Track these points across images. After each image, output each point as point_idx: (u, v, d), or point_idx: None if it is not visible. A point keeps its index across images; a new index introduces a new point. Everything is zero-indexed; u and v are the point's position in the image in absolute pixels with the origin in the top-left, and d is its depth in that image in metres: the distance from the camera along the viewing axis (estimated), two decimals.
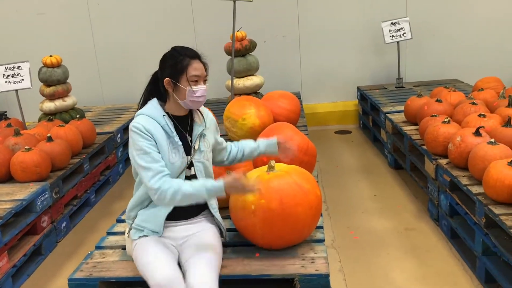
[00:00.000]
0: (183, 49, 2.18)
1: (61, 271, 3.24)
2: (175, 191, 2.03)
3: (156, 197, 2.06)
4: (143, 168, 2.07)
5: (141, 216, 2.22)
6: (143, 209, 2.23)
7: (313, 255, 2.22)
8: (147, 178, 2.05)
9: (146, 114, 2.16)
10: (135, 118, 2.17)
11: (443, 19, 5.90)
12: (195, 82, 2.14)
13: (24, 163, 3.49)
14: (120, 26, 6.09)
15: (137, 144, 2.08)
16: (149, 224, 2.19)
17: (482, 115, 3.35)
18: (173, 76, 2.14)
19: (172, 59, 2.16)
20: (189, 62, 2.14)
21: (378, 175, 4.45)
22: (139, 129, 2.09)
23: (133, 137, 2.11)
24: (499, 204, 2.59)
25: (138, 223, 2.21)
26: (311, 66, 6.13)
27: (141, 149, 2.08)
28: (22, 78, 4.46)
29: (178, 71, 2.13)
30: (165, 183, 2.04)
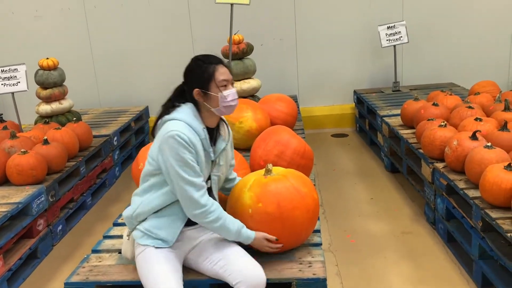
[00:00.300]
0: (205, 57, 2.17)
1: (57, 274, 3.22)
2: (218, 218, 2.06)
3: (198, 212, 2.04)
4: (185, 182, 2.01)
5: (153, 222, 2.13)
6: (155, 215, 2.14)
7: (310, 259, 2.22)
8: (191, 191, 2.02)
9: (188, 123, 2.07)
10: (175, 124, 2.05)
11: (439, 23, 5.93)
12: (224, 86, 2.12)
13: (20, 166, 3.48)
14: (117, 29, 6.09)
15: (180, 156, 2.00)
16: (162, 232, 2.11)
17: (478, 119, 3.36)
18: (202, 85, 2.12)
19: (197, 69, 2.14)
20: (215, 68, 2.12)
21: (375, 178, 4.46)
22: (185, 141, 2.01)
23: (174, 146, 2.00)
24: (495, 208, 2.60)
25: (148, 228, 2.13)
26: (308, 69, 6.14)
27: (184, 161, 2.01)
28: (19, 81, 4.45)
29: (206, 79, 2.11)
30: (213, 205, 2.06)
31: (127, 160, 5.25)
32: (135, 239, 2.16)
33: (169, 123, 2.08)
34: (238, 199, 2.20)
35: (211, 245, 2.15)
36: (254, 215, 2.13)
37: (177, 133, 2.01)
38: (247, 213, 2.15)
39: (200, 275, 2.16)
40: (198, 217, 2.07)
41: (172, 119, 2.09)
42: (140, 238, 2.14)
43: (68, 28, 6.10)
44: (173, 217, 2.12)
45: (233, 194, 2.27)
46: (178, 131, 2.01)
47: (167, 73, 6.18)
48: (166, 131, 2.04)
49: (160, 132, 2.10)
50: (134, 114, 5.59)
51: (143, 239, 2.13)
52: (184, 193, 2.03)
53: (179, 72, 6.83)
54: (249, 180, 2.24)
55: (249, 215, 2.14)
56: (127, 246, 2.24)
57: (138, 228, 2.17)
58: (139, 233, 2.15)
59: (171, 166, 2.02)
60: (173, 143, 2.00)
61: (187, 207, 2.06)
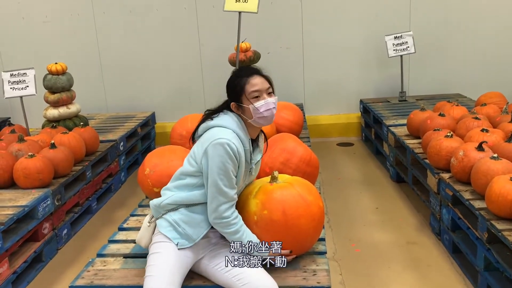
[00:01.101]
0: (239, 70, 2.22)
1: (61, 278, 3.23)
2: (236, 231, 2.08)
3: (219, 221, 2.07)
4: (219, 191, 2.05)
5: (182, 215, 2.14)
6: (187, 210, 2.15)
7: (314, 267, 2.22)
8: (220, 201, 2.05)
9: (236, 133, 2.11)
10: (225, 132, 2.08)
11: (446, 33, 5.93)
12: (256, 98, 2.14)
13: (27, 169, 3.50)
14: (126, 35, 6.13)
15: (224, 165, 2.03)
16: (189, 229, 2.12)
17: (485, 130, 3.36)
18: (236, 99, 2.16)
19: (230, 83, 2.20)
20: (246, 81, 2.15)
21: (380, 188, 4.45)
22: (233, 151, 2.04)
23: (222, 154, 2.03)
24: (501, 219, 2.59)
25: (177, 221, 2.13)
26: (314, 77, 6.15)
27: (226, 171, 2.04)
28: (27, 85, 4.48)
29: (238, 92, 2.15)
30: (235, 218, 2.09)
31: (133, 166, 5.27)
32: (159, 228, 2.16)
33: (218, 130, 2.11)
34: (244, 206, 2.20)
35: (227, 251, 2.14)
36: (259, 222, 2.14)
37: (227, 142, 2.03)
38: (253, 219, 2.15)
39: (205, 281, 2.16)
40: (218, 225, 2.10)
41: (220, 126, 2.12)
42: (165, 228, 2.14)
43: (76, 33, 6.15)
44: (204, 216, 2.14)
45: (239, 200, 2.26)
46: (228, 140, 2.04)
47: (174, 79, 6.24)
48: (216, 137, 2.06)
49: (207, 136, 2.12)
50: (141, 120, 5.61)
51: (167, 230, 2.13)
52: (214, 200, 2.06)
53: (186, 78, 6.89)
54: (255, 187, 2.24)
55: (254, 221, 2.15)
56: (145, 233, 2.23)
57: (165, 217, 2.17)
58: (166, 223, 2.15)
59: (211, 172, 2.04)
60: (221, 151, 2.03)
61: (211, 213, 2.09)
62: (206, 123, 2.19)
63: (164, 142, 5.25)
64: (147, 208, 3.09)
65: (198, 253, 2.17)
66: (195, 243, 2.13)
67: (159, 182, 2.83)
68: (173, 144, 3.40)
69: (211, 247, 2.21)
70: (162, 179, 2.80)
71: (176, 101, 6.24)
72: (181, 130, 3.53)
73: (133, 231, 2.71)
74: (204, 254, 2.18)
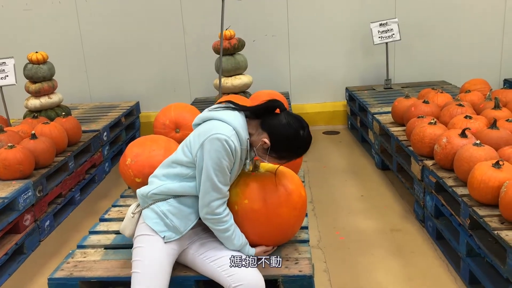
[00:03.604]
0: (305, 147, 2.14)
1: (43, 270, 3.19)
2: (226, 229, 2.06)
3: (210, 217, 2.04)
4: (213, 186, 2.00)
5: (171, 206, 2.09)
6: (175, 201, 2.10)
7: (297, 255, 2.21)
8: (213, 197, 2.02)
9: (237, 130, 2.03)
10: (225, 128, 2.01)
11: (432, 21, 5.92)
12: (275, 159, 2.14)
13: (6, 160, 3.44)
14: (108, 23, 6.03)
15: (220, 161, 1.98)
16: (176, 220, 2.08)
17: (468, 116, 3.36)
18: (274, 150, 2.07)
19: (290, 146, 2.09)
20: (291, 157, 2.13)
21: (365, 175, 4.45)
22: (231, 148, 1.99)
23: (219, 150, 1.97)
24: (483, 206, 2.60)
25: (165, 213, 2.07)
26: (300, 66, 6.12)
27: (221, 167, 1.99)
28: (7, 74, 4.40)
29: (281, 156, 2.10)
30: (226, 215, 2.06)
31: (117, 156, 5.21)
32: (146, 219, 2.09)
33: (218, 123, 2.03)
34: None
35: (213, 241, 2.13)
36: (240, 212, 2.12)
37: (226, 138, 1.97)
38: (234, 209, 2.13)
39: (186, 271, 2.14)
40: (209, 221, 2.07)
41: (221, 120, 2.04)
42: (152, 220, 2.08)
43: (58, 21, 6.03)
44: (192, 209, 2.10)
45: None
46: (227, 136, 1.98)
47: (158, 68, 6.17)
48: (214, 131, 2.00)
49: (204, 128, 2.05)
50: (125, 110, 5.55)
51: (154, 222, 2.08)
52: (207, 195, 2.02)
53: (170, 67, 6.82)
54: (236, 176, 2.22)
55: (235, 211, 2.12)
56: (128, 223, 2.16)
57: (152, 208, 2.10)
58: (153, 214, 2.09)
59: (206, 166, 1.99)
60: (218, 146, 1.97)
61: (203, 208, 2.05)
62: (208, 112, 2.12)
63: (149, 132, 5.19)
64: (129, 198, 3.06)
65: (184, 244, 2.14)
66: (182, 235, 2.10)
67: (140, 173, 2.80)
68: (156, 134, 3.36)
69: (198, 236, 2.18)
70: (144, 169, 2.77)
71: (160, 90, 6.18)
72: (164, 119, 3.48)
73: (115, 222, 2.68)
74: (190, 244, 2.15)
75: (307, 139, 2.12)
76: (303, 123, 2.12)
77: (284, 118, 2.09)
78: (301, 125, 2.10)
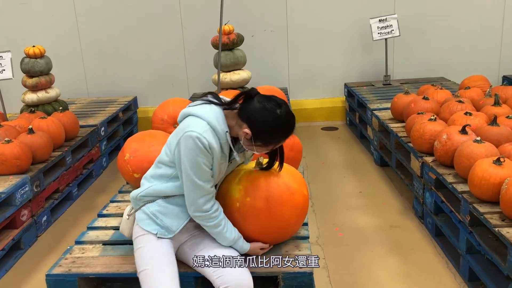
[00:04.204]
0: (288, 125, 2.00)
1: (40, 266, 3.17)
2: (217, 225, 2.03)
3: (199, 214, 2.02)
4: (194, 184, 1.97)
5: (160, 206, 2.08)
6: (164, 201, 2.09)
7: (297, 252, 2.19)
8: (197, 195, 1.99)
9: (212, 125, 1.97)
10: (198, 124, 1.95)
11: (431, 17, 5.90)
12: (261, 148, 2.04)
13: (3, 155, 3.41)
14: (106, 18, 5.98)
15: (196, 158, 1.93)
16: (168, 220, 2.07)
17: (468, 113, 3.35)
18: (257, 136, 1.97)
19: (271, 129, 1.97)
20: (280, 141, 2.04)
21: (364, 172, 4.44)
22: (204, 145, 1.92)
23: (192, 148, 1.93)
24: (483, 203, 2.59)
25: (154, 213, 2.07)
26: (299, 61, 6.09)
27: (198, 165, 1.95)
28: (4, 69, 4.36)
29: (266, 142, 2.00)
30: (215, 211, 2.03)
31: (114, 151, 5.18)
32: (138, 221, 2.12)
33: (191, 120, 1.99)
34: (227, 192, 2.16)
35: (206, 239, 2.11)
36: (241, 209, 2.09)
37: (197, 135, 1.92)
38: (235, 206, 2.11)
39: (186, 268, 2.12)
40: (198, 218, 2.05)
41: (195, 115, 2.00)
42: (143, 221, 2.09)
43: (55, 15, 5.98)
44: (182, 208, 2.08)
45: (222, 186, 2.22)
46: (199, 133, 1.92)
47: (156, 63, 6.13)
48: (188, 128, 1.95)
49: (182, 125, 2.02)
50: (122, 105, 5.51)
51: (146, 223, 2.08)
52: (190, 194, 2.00)
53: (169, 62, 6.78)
54: (239, 173, 2.19)
55: (236, 208, 2.10)
56: (126, 225, 2.19)
57: (143, 209, 2.11)
58: (143, 216, 2.10)
59: (183, 165, 1.97)
60: (191, 144, 1.93)
61: (190, 206, 2.03)
62: (187, 108, 2.08)
63: (146, 127, 5.17)
64: (127, 194, 3.03)
65: (179, 240, 2.13)
66: (175, 234, 2.09)
67: (139, 168, 2.78)
68: (154, 129, 3.34)
69: (191, 234, 2.16)
70: (142, 164, 2.75)
71: (158, 85, 6.14)
72: (162, 114, 3.46)
73: (113, 217, 2.66)
74: (185, 241, 2.14)
75: (287, 116, 1.99)
76: (278, 101, 2.00)
77: (257, 103, 1.98)
78: (276, 104, 1.98)
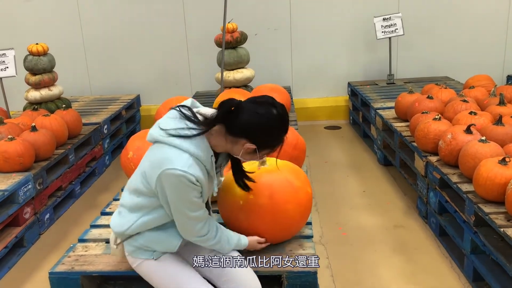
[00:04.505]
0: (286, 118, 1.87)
1: (43, 263, 3.17)
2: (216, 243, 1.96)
3: (197, 239, 1.93)
4: (188, 217, 1.85)
5: (147, 237, 1.95)
6: (148, 232, 1.95)
7: (301, 251, 2.18)
8: (192, 226, 1.88)
9: (196, 156, 1.80)
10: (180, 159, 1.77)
11: (435, 16, 5.88)
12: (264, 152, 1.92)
13: (6, 152, 3.40)
14: (109, 15, 5.97)
15: (184, 196, 1.81)
16: (159, 246, 1.96)
17: (473, 112, 3.33)
18: (263, 148, 1.86)
19: (274, 133, 1.85)
20: (282, 140, 1.89)
21: (367, 171, 4.43)
22: (192, 181, 1.78)
23: (179, 186, 1.78)
24: (489, 203, 2.57)
25: (144, 244, 1.95)
26: (302, 60, 6.08)
27: (188, 201, 1.82)
28: (7, 66, 4.35)
29: (273, 146, 1.88)
30: (211, 231, 1.93)
31: (117, 149, 5.18)
32: (130, 254, 1.99)
33: (170, 153, 1.79)
34: (229, 190, 2.15)
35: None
36: (245, 207, 2.09)
37: (183, 174, 1.76)
38: (238, 204, 2.10)
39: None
40: (197, 242, 1.97)
41: (176, 147, 1.80)
42: (135, 252, 1.98)
43: (58, 13, 5.98)
44: (171, 230, 1.96)
45: (225, 183, 2.21)
46: (184, 171, 1.76)
47: (159, 61, 6.12)
48: (168, 165, 1.77)
49: (157, 157, 1.82)
50: (125, 103, 5.51)
51: (139, 253, 1.97)
52: (185, 226, 1.90)
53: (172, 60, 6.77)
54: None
55: (239, 206, 2.10)
56: (117, 252, 2.07)
57: (130, 243, 1.97)
58: (133, 248, 1.98)
59: (172, 202, 1.83)
60: (178, 183, 1.78)
61: (185, 235, 1.94)
62: (160, 135, 1.85)
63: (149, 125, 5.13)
64: None
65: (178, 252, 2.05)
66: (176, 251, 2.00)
67: None
68: None
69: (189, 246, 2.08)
70: None
71: (161, 84, 6.13)
72: (165, 113, 3.45)
73: None
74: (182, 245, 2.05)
75: (282, 111, 1.85)
76: (267, 100, 1.85)
77: (248, 113, 1.80)
78: (268, 104, 1.83)
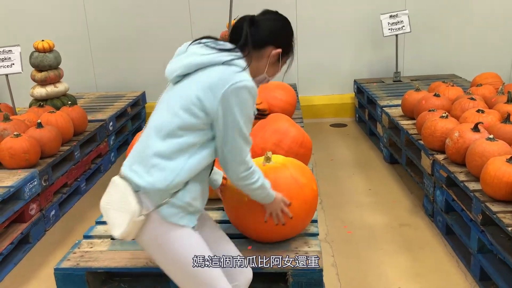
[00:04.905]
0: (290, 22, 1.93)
1: (49, 260, 3.17)
2: (259, 178, 1.85)
3: (246, 173, 1.78)
4: (244, 140, 1.73)
5: (191, 192, 1.75)
6: (192, 182, 1.75)
7: (306, 249, 2.17)
8: (245, 151, 1.75)
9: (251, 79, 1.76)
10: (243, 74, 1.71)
11: (442, 13, 5.84)
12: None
13: (12, 149, 3.41)
14: (115, 13, 5.98)
15: (249, 110, 1.71)
16: (199, 203, 1.80)
17: (480, 110, 3.30)
18: (286, 52, 1.88)
19: (290, 33, 1.90)
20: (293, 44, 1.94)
21: (373, 169, 4.41)
22: (255, 93, 1.71)
23: (247, 98, 1.69)
24: (496, 202, 2.55)
25: (189, 201, 1.74)
26: (308, 57, 6.04)
27: (249, 117, 1.72)
28: (13, 63, 4.35)
29: (290, 46, 1.90)
30: (255, 166, 1.83)
31: (122, 146, 5.18)
32: (168, 218, 1.71)
33: (231, 69, 1.72)
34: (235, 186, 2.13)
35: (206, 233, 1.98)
36: (250, 203, 2.07)
37: (251, 85, 1.70)
38: (243, 200, 2.08)
39: None
40: (244, 179, 1.81)
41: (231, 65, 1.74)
42: (175, 216, 1.72)
43: (64, 9, 5.98)
44: (205, 183, 1.85)
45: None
46: (247, 81, 1.70)
47: (165, 58, 6.08)
48: (236, 79, 1.68)
49: (214, 78, 1.70)
50: (131, 100, 5.51)
51: (180, 217, 1.73)
52: (238, 152, 1.73)
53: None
54: None
55: (245, 203, 2.08)
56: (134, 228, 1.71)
57: (174, 202, 1.71)
58: (174, 210, 1.72)
59: (234, 120, 1.69)
60: (246, 95, 1.69)
61: (236, 167, 1.77)
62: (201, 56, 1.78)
63: None
64: None
65: None
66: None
67: None
68: None
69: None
70: None
71: (167, 81, 6.10)
72: None
73: None
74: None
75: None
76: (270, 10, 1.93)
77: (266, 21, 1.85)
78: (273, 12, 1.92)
